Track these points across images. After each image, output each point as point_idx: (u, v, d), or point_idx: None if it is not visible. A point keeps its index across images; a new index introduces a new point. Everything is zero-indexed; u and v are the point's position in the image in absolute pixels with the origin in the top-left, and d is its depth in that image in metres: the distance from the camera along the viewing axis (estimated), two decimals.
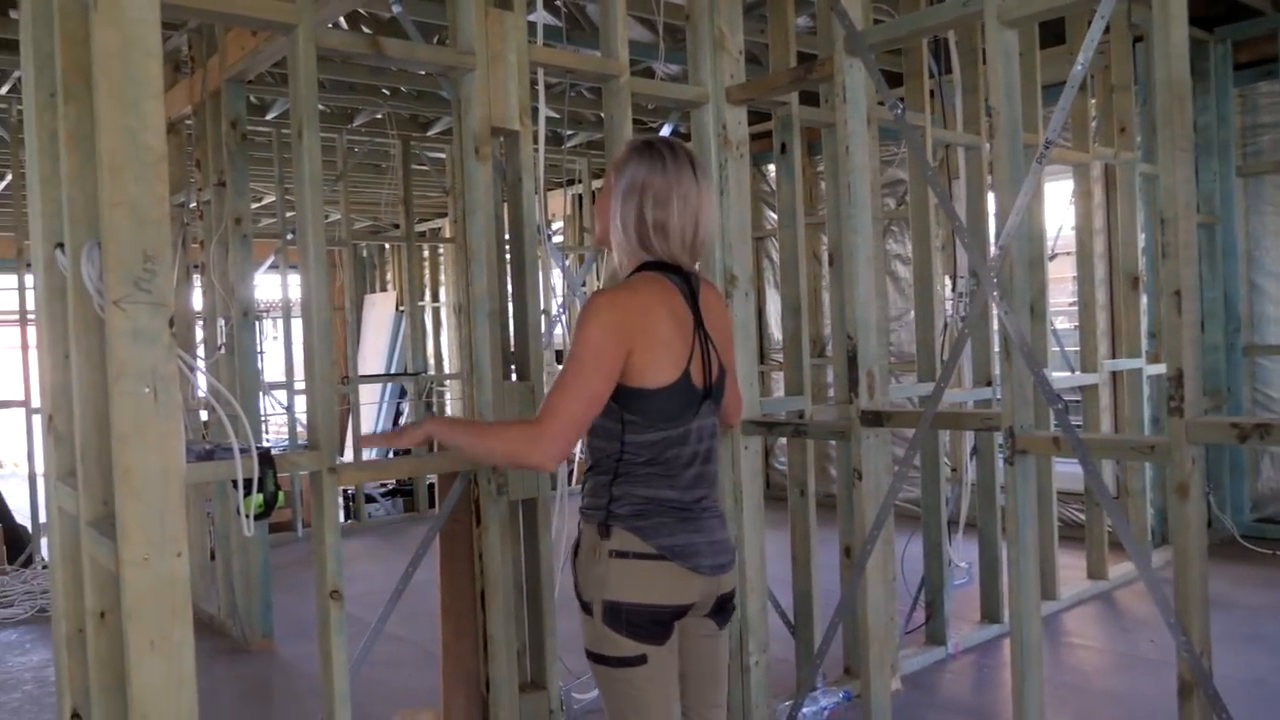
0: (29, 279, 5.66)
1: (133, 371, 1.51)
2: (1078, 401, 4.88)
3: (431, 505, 7.40)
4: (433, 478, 7.01)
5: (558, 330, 3.06)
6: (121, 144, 1.50)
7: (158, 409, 1.53)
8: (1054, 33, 5.24)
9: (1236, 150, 5.57)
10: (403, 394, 9.73)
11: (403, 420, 9.84)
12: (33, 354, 5.99)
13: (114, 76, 1.51)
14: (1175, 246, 2.20)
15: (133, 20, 1.52)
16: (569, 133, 7.29)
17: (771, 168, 7.19)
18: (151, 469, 1.53)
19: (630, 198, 1.80)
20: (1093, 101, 5.10)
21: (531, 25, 2.75)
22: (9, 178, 7.14)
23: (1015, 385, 2.41)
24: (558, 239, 9.13)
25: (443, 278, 10.61)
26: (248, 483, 2.08)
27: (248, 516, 2.11)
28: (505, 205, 2.74)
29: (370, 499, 7.39)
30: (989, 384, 4.21)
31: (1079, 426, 3.38)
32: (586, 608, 1.81)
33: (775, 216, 7.31)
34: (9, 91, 5.83)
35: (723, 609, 1.89)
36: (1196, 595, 2.13)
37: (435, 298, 10.53)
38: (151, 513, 1.53)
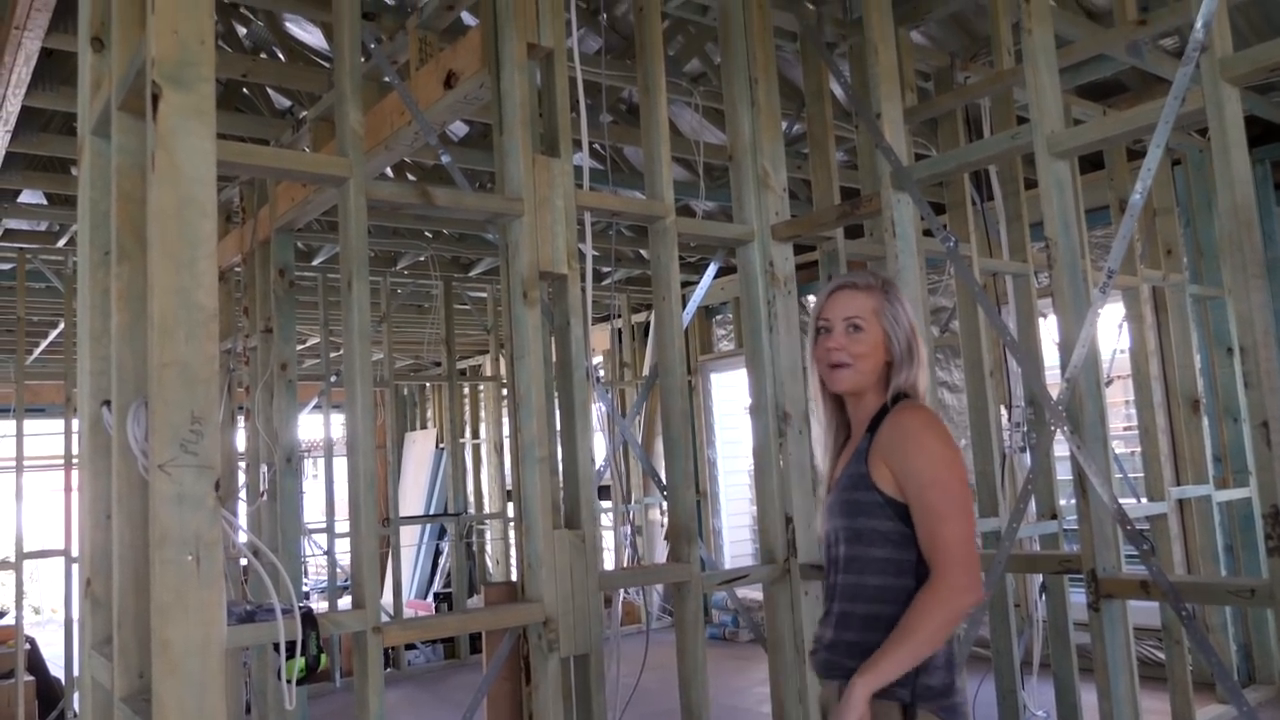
0: (76, 423, 5.70)
1: (175, 538, 1.45)
2: (1146, 530, 4.66)
3: (474, 651, 7.17)
4: None
5: (606, 474, 2.97)
6: (174, 304, 1.47)
7: (199, 577, 1.46)
8: (1090, 160, 5.26)
9: None
10: (442, 534, 9.60)
11: (442, 560, 9.68)
12: (76, 497, 5.98)
13: (169, 235, 1.50)
14: (1257, 375, 2.09)
15: (189, 180, 1.52)
16: (607, 269, 7.37)
17: (810, 298, 7.19)
18: (192, 641, 1.45)
19: (916, 342, 1.80)
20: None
21: (576, 169, 2.77)
22: (61, 326, 7.32)
23: (1095, 524, 2.28)
24: (600, 373, 9.14)
25: (483, 414, 10.62)
26: (290, 645, 1.98)
27: (289, 682, 2.00)
28: (553, 348, 2.71)
29: (410, 645, 7.18)
30: (1054, 516, 4.03)
31: None
32: None
33: None
34: (66, 244, 6.02)
35: None
36: None
37: (475, 435, 10.52)
38: (190, 689, 1.44)
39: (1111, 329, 5.36)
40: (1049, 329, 4.22)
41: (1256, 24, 4.44)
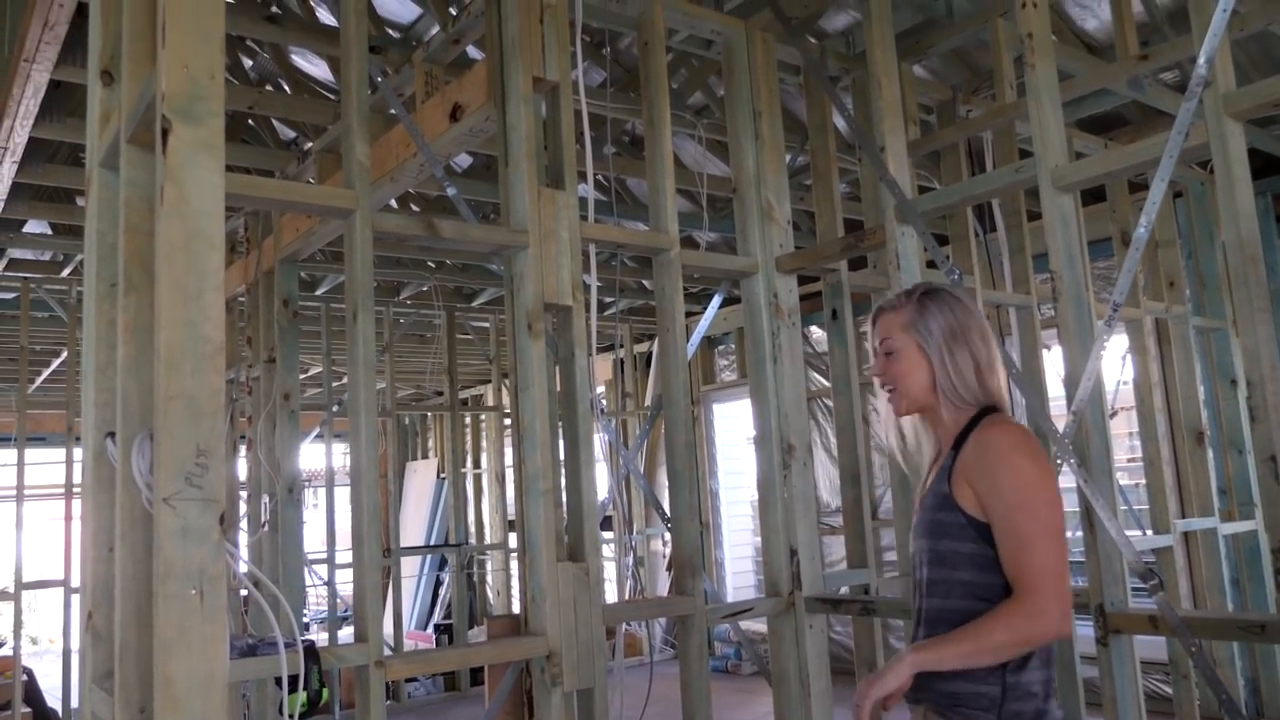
0: (77, 452, 5.71)
1: (179, 572, 1.44)
2: (1151, 564, 4.63)
3: (475, 683, 7.12)
4: None
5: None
6: (180, 336, 1.47)
7: (203, 612, 1.45)
8: (1092, 192, 5.28)
9: None
10: (443, 564, 9.55)
11: (443, 591, 9.62)
12: (76, 526, 5.97)
13: (177, 268, 1.50)
14: (1264, 409, 2.09)
15: (197, 213, 1.53)
16: (610, 300, 7.38)
17: (814, 329, 7.19)
18: (195, 677, 1.43)
19: (958, 343, 1.71)
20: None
21: (581, 200, 2.78)
22: (64, 355, 7.33)
23: (1103, 559, 2.27)
24: (603, 404, 9.12)
25: (484, 444, 10.59)
26: (292, 679, 1.96)
27: (290, 717, 1.98)
28: (558, 380, 2.70)
29: (410, 677, 7.12)
30: None
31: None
32: None
33: (819, 378, 7.27)
34: (70, 274, 6.03)
35: None
36: None
37: (477, 465, 10.50)
38: None
39: (1115, 361, 5.36)
40: (1053, 361, 4.22)
41: (1256, 58, 4.47)
